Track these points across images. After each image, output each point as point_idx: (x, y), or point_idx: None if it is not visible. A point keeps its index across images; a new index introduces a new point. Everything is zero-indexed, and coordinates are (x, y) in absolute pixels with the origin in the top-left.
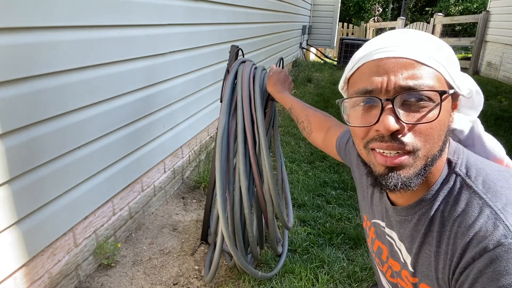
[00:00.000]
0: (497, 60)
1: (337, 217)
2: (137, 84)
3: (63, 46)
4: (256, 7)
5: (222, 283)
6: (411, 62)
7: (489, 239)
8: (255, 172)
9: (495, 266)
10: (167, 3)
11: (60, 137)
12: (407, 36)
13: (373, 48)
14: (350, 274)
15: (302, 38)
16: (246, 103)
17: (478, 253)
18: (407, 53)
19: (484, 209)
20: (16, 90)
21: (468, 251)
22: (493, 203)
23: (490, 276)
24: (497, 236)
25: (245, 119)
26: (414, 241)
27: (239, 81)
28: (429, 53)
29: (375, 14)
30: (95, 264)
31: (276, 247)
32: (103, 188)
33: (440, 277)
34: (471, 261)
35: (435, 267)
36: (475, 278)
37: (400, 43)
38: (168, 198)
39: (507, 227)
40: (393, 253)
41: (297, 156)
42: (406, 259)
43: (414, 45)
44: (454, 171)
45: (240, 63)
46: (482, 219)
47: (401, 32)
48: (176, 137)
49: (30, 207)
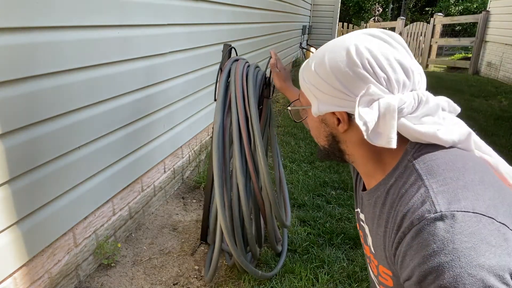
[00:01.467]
0: (497, 60)
1: (337, 217)
2: (137, 84)
3: (63, 46)
4: (256, 7)
5: (222, 283)
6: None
7: (415, 215)
8: (251, 169)
9: (419, 239)
10: (167, 3)
11: (60, 137)
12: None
13: None
14: (350, 274)
15: (302, 38)
16: (240, 100)
17: (407, 227)
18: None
19: (420, 189)
20: (16, 90)
21: (401, 227)
22: (429, 183)
23: (415, 248)
24: (422, 211)
25: (240, 116)
26: (373, 223)
27: (232, 79)
28: (302, 73)
29: (375, 14)
30: (95, 264)
31: (276, 245)
32: (103, 188)
33: (387, 255)
34: (403, 236)
35: (384, 247)
36: (405, 251)
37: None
38: (168, 198)
39: (432, 204)
40: (365, 236)
41: (297, 156)
42: (369, 242)
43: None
44: (407, 158)
45: (233, 62)
46: (416, 197)
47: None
48: (176, 137)
49: (30, 207)
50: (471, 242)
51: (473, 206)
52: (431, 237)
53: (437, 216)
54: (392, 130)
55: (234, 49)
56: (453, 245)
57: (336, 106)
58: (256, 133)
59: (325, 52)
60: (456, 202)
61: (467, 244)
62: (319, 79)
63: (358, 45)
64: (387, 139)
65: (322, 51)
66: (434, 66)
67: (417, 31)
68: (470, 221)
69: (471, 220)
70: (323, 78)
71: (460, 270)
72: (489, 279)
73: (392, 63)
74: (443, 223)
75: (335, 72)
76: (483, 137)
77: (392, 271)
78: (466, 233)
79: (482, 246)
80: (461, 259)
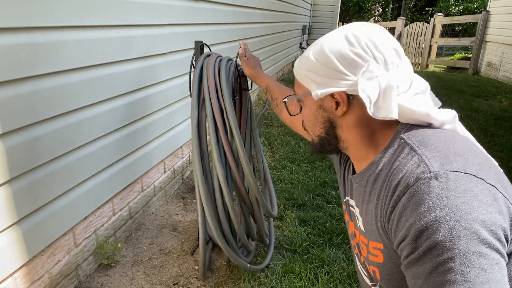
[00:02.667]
0: (497, 60)
1: (337, 217)
2: (137, 84)
3: (63, 46)
4: (256, 7)
5: (222, 283)
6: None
7: (410, 177)
8: (230, 159)
9: (415, 199)
10: (167, 3)
11: (60, 137)
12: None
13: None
14: (350, 274)
15: (302, 38)
16: (213, 94)
17: (402, 190)
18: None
19: (413, 157)
20: (16, 90)
21: (396, 191)
22: (422, 151)
23: (411, 208)
24: (417, 173)
25: (214, 108)
26: (364, 202)
27: (204, 74)
28: (298, 64)
29: (375, 14)
30: (95, 264)
31: (264, 238)
32: (103, 188)
33: (379, 225)
34: (398, 199)
35: (375, 219)
36: (400, 212)
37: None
38: (168, 198)
39: (426, 166)
40: (355, 222)
41: (297, 156)
42: (359, 223)
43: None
44: (399, 136)
45: (205, 57)
46: (409, 164)
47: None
48: (176, 137)
49: (30, 207)
50: (465, 198)
51: (464, 167)
52: (426, 195)
53: (431, 176)
54: (393, 102)
55: (206, 45)
56: (448, 200)
57: (336, 87)
58: (232, 123)
59: (322, 42)
60: (448, 164)
61: (460, 199)
62: (318, 64)
63: (355, 31)
64: (388, 110)
65: (319, 43)
66: (434, 66)
67: (417, 31)
68: (462, 179)
69: (463, 179)
70: (323, 63)
71: (455, 224)
72: (483, 233)
73: (386, 45)
74: (437, 181)
75: (336, 55)
76: (483, 137)
77: (383, 243)
78: (459, 190)
79: (475, 202)
80: (455, 213)
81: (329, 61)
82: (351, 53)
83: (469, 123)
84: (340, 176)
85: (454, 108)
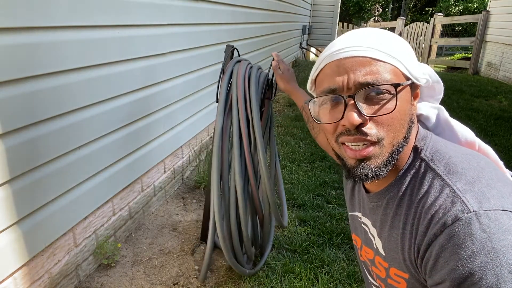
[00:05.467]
0: (497, 60)
1: (337, 217)
2: (137, 84)
3: (63, 46)
4: (256, 7)
5: (222, 283)
6: (368, 60)
7: (447, 215)
8: (250, 172)
9: (455, 240)
10: (167, 3)
11: (60, 137)
12: (364, 36)
13: (333, 50)
14: (350, 274)
15: (302, 38)
16: (241, 102)
17: (439, 229)
18: (364, 52)
19: (444, 189)
20: (16, 90)
21: (430, 228)
22: (453, 183)
23: (451, 250)
24: (455, 212)
25: (240, 118)
26: (384, 225)
27: (234, 81)
28: (384, 49)
29: (375, 14)
30: (95, 264)
31: (266, 246)
32: (103, 188)
33: (407, 257)
34: (434, 238)
35: (402, 249)
36: (438, 253)
37: (357, 43)
38: (168, 198)
39: (464, 203)
40: (367, 240)
41: (297, 156)
42: (377, 244)
43: (369, 44)
44: (419, 156)
45: (235, 63)
46: (442, 198)
47: (358, 32)
48: (176, 137)
49: (30, 207)
50: (507, 240)
51: (502, 204)
52: (468, 238)
53: (471, 216)
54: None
55: (236, 50)
56: (492, 245)
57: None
58: (258, 135)
59: (387, 35)
60: (486, 201)
61: (504, 242)
62: (407, 51)
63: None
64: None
65: (385, 35)
66: (434, 66)
67: (417, 31)
68: (502, 218)
69: (503, 218)
70: (408, 51)
71: (500, 269)
72: None
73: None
74: (478, 223)
75: (407, 47)
76: (483, 137)
77: (409, 274)
78: (501, 231)
79: None
80: (500, 258)
81: (408, 50)
82: (412, 52)
83: (469, 123)
84: (347, 190)
85: (454, 108)
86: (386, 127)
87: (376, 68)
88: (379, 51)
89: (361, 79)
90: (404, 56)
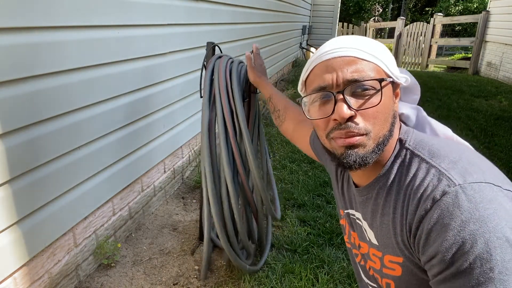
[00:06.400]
0: (497, 60)
1: (337, 217)
2: (137, 84)
3: (63, 46)
4: (256, 7)
5: (222, 283)
6: (354, 59)
7: (435, 191)
8: (238, 162)
9: (444, 213)
10: (167, 3)
11: (60, 137)
12: (349, 40)
13: (321, 52)
14: (350, 274)
15: (302, 38)
16: (224, 95)
17: (429, 205)
18: (350, 52)
19: (430, 170)
20: (16, 90)
21: (420, 205)
22: (437, 164)
23: (441, 223)
24: (442, 187)
25: (224, 110)
26: (375, 215)
27: (215, 75)
28: (367, 50)
29: (375, 14)
30: (95, 264)
31: (264, 240)
32: (103, 188)
33: (400, 240)
34: (424, 214)
35: (394, 233)
36: (429, 228)
37: (343, 45)
38: (168, 198)
39: (449, 179)
40: (362, 234)
41: (297, 156)
42: (370, 235)
43: (354, 45)
44: (404, 146)
45: (216, 59)
46: (429, 177)
47: (343, 37)
48: (176, 137)
49: (30, 207)
50: (492, 208)
51: (484, 177)
52: (456, 208)
53: (457, 189)
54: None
55: (218, 47)
56: (479, 213)
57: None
58: (242, 125)
59: (370, 39)
60: (469, 175)
61: (489, 210)
62: (387, 53)
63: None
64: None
65: (368, 39)
66: (434, 66)
67: (417, 31)
68: (485, 189)
69: (486, 189)
70: (387, 54)
71: (489, 235)
72: (511, 236)
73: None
74: (464, 194)
75: (387, 51)
76: (483, 137)
77: (403, 256)
78: (486, 201)
79: (502, 211)
80: (488, 225)
81: (387, 53)
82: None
83: (469, 123)
84: (338, 190)
85: (454, 108)
86: (372, 120)
87: (361, 66)
88: (363, 52)
89: (348, 76)
90: (386, 57)
